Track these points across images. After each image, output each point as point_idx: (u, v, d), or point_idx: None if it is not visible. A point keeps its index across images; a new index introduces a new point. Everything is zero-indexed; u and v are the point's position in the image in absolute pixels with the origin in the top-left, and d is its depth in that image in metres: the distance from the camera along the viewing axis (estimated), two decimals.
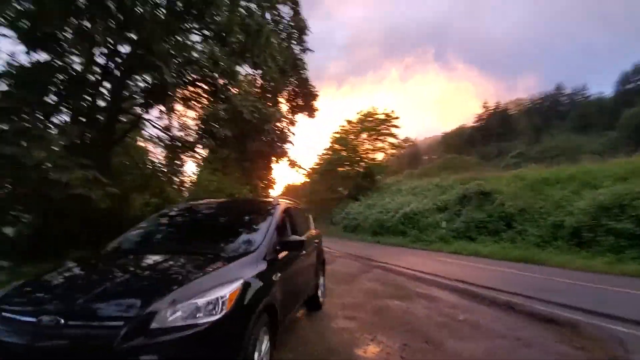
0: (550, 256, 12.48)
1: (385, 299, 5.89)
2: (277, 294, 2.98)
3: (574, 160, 21.54)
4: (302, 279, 4.15)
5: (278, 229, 3.38)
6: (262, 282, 2.69)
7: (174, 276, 2.45)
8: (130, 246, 3.26)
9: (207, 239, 3.30)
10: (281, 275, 3.11)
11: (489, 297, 6.02)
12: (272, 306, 2.80)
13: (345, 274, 8.60)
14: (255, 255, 2.87)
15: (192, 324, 1.97)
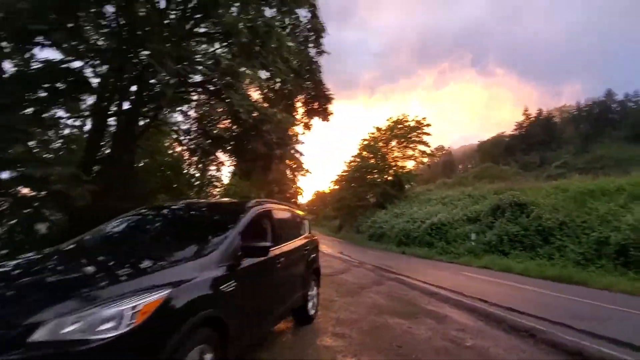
0: (592, 276, 11.10)
1: (387, 315, 5.34)
2: (230, 305, 2.64)
3: (625, 172, 19.38)
4: (281, 289, 3.78)
5: (244, 233, 3.04)
6: (204, 292, 2.37)
7: (87, 282, 2.19)
8: (79, 246, 3.07)
9: (162, 241, 3.05)
10: (240, 285, 2.77)
11: (508, 321, 5.27)
12: (218, 320, 2.45)
13: (354, 285, 8.08)
14: (203, 261, 2.55)
15: (88, 339, 1.67)
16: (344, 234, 42.79)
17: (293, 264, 4.16)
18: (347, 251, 22.00)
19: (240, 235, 2.99)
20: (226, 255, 2.75)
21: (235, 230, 2.97)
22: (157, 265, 2.41)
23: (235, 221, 3.10)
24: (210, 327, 2.39)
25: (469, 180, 43.77)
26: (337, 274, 9.99)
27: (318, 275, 5.23)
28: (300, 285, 4.41)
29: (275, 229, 3.84)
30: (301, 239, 4.65)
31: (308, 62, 9.76)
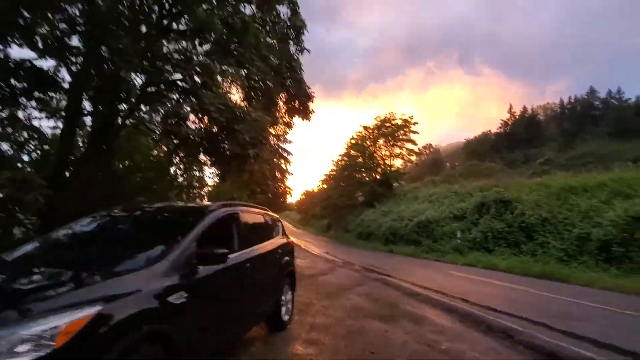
0: (575, 272, 11.20)
1: (365, 318, 5.19)
2: (180, 318, 2.44)
3: (607, 168, 19.72)
4: (248, 296, 3.58)
5: (202, 239, 2.84)
6: (147, 305, 2.16)
7: (17, 297, 1.95)
8: (19, 256, 2.82)
9: (109, 249, 2.82)
10: (194, 295, 2.56)
11: (487, 321, 5.18)
12: (166, 335, 2.25)
13: (335, 287, 7.92)
14: (149, 271, 2.34)
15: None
16: (333, 234, 42.71)
17: (263, 269, 3.96)
18: (334, 251, 21.89)
19: (196, 242, 2.78)
20: (177, 264, 2.55)
21: (190, 237, 2.76)
22: (94, 278, 2.18)
23: (191, 226, 2.88)
24: (155, 344, 2.19)
25: (456, 178, 44.14)
26: (320, 275, 9.83)
27: (293, 279, 5.05)
28: (272, 290, 4.22)
29: (242, 233, 3.64)
30: (273, 242, 4.45)
31: (288, 60, 9.54)
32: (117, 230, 3.29)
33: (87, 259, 2.67)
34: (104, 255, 2.70)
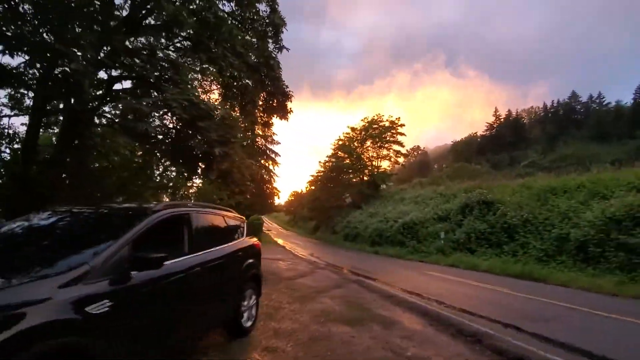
0: (552, 272, 11.28)
1: (333, 323, 5.00)
2: (103, 330, 2.20)
3: (587, 170, 20.06)
4: (198, 303, 3.34)
5: (138, 242, 2.61)
6: (59, 316, 1.94)
7: None
8: None
9: (30, 254, 2.57)
10: (122, 304, 2.33)
11: (458, 325, 5.05)
12: (83, 350, 2.02)
13: (311, 290, 7.72)
14: (65, 277, 2.11)
15: None
16: (320, 235, 42.51)
17: (219, 273, 3.73)
18: (319, 253, 21.69)
19: (130, 245, 2.55)
20: (104, 269, 2.31)
21: (122, 240, 2.51)
22: None
23: (126, 228, 2.65)
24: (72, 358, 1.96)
25: (443, 180, 44.53)
26: (299, 278, 9.62)
27: (258, 283, 4.81)
28: (231, 295, 3.99)
29: (194, 236, 3.41)
30: (234, 244, 4.22)
31: (266, 58, 9.33)
32: (46, 232, 3.02)
33: (5, 264, 2.40)
34: (23, 260, 2.44)
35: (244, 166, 7.94)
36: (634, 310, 6.48)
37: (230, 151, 6.27)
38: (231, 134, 6.33)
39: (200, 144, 5.76)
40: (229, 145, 6.20)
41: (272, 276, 9.84)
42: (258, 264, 4.93)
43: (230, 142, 6.25)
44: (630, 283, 9.19)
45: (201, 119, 5.58)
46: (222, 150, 5.95)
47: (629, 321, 5.51)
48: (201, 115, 5.56)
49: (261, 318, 5.13)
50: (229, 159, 6.41)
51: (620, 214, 11.15)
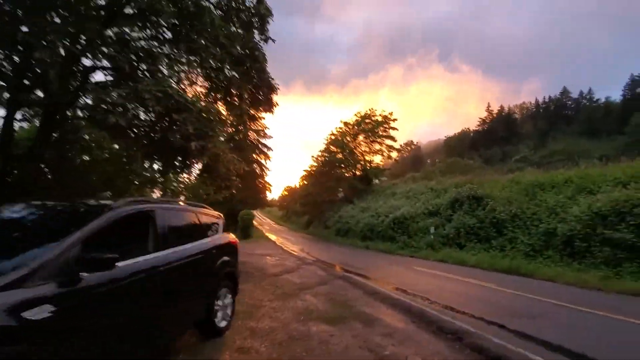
0: (540, 267, 11.33)
1: (313, 321, 4.88)
2: (46, 337, 2.03)
3: (576, 165, 20.21)
4: (163, 305, 3.17)
5: (91, 241, 2.43)
6: None
7: None
8: None
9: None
10: (65, 309, 2.16)
11: (440, 322, 4.97)
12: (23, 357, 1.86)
13: (295, 286, 7.60)
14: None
15: None
16: (313, 230, 42.48)
17: (188, 272, 3.56)
18: (309, 248, 21.59)
19: (81, 245, 2.37)
20: (47, 272, 2.13)
21: (71, 239, 2.33)
22: None
23: (76, 227, 2.46)
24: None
25: (435, 175, 44.72)
26: (284, 274, 9.49)
27: (234, 282, 4.66)
28: (202, 295, 3.83)
29: (159, 233, 3.23)
30: (207, 242, 4.05)
31: (251, 49, 9.08)
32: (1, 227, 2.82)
33: None
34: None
35: (226, 160, 7.72)
36: (618, 305, 6.48)
37: (209, 145, 6.06)
38: (210, 128, 6.11)
39: (176, 137, 5.53)
40: (207, 139, 5.99)
41: (257, 272, 9.70)
42: (235, 261, 4.78)
43: (209, 135, 6.04)
44: (615, 278, 9.25)
45: (177, 111, 5.35)
46: (200, 144, 5.74)
47: (612, 318, 5.49)
48: (177, 108, 5.33)
49: (240, 317, 4.99)
50: (208, 153, 6.20)
51: (606, 209, 11.21)
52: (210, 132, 6.08)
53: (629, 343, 4.21)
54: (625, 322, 5.20)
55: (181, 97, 5.43)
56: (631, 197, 11.00)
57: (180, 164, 6.69)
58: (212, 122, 6.26)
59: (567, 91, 70.75)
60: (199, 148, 5.76)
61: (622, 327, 4.99)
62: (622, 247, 10.03)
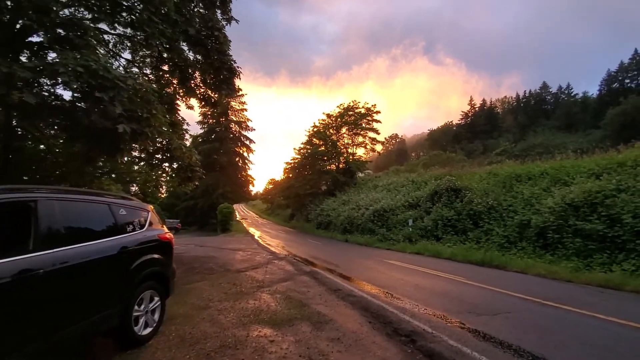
0: (512, 259, 11.21)
1: (258, 324, 4.41)
2: None
3: (553, 158, 20.33)
4: (49, 311, 2.61)
5: None
6: None
7: None
8: None
9: None
10: None
11: (397, 322, 4.58)
12: None
13: (253, 284, 7.11)
14: None
15: None
16: (295, 223, 42.02)
17: (89, 274, 3.01)
18: (286, 242, 21.15)
19: None
20: None
21: None
22: None
23: None
24: None
25: (419, 168, 44.91)
26: (249, 270, 8.99)
27: (164, 283, 4.11)
28: (110, 300, 3.27)
29: (42, 228, 2.65)
30: (121, 238, 3.48)
31: (211, 29, 8.39)
32: None
33: None
34: None
35: (173, 148, 7.08)
36: (586, 299, 6.28)
37: (146, 129, 5.41)
38: (147, 109, 5.47)
39: (100, 118, 4.87)
40: (143, 122, 5.34)
41: (220, 269, 9.17)
42: (167, 260, 4.23)
43: (144, 118, 5.39)
44: (585, 270, 9.16)
45: (103, 89, 4.69)
46: (131, 128, 5.09)
47: (578, 313, 5.23)
48: (102, 85, 4.67)
49: (175, 321, 4.47)
50: (143, 138, 5.56)
51: (579, 200, 11.13)
52: (146, 114, 5.43)
53: (593, 344, 3.91)
54: (592, 319, 4.95)
55: (109, 72, 4.76)
56: (603, 188, 10.95)
57: (109, 150, 5.99)
58: (150, 103, 5.60)
59: (547, 86, 72.09)
60: (131, 132, 5.11)
61: (588, 324, 4.72)
62: (593, 238, 9.96)
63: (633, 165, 11.54)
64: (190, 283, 7.11)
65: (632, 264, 8.46)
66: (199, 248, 15.08)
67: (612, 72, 59.88)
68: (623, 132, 41.44)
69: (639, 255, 8.64)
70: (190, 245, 16.56)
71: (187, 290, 6.41)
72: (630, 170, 11.45)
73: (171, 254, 4.40)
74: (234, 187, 48.07)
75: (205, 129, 49.19)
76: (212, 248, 15.03)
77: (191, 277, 7.88)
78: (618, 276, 8.00)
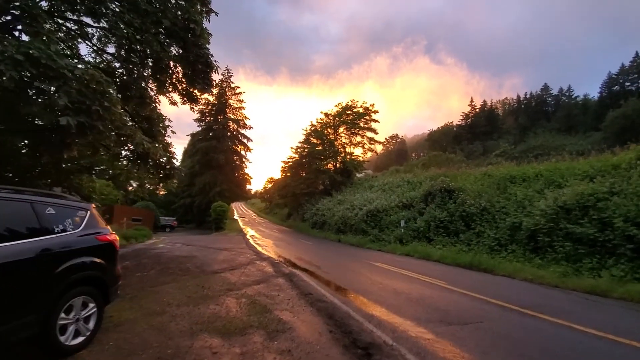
0: (501, 262, 10.89)
1: (206, 334, 4.10)
2: None
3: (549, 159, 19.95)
4: None
5: None
6: None
7: None
8: None
9: None
10: None
11: (359, 332, 4.27)
12: None
13: (222, 287, 6.81)
14: None
15: None
16: (291, 222, 41.74)
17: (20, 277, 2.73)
18: (277, 241, 20.86)
19: None
20: None
21: None
22: None
23: None
24: None
25: (417, 168, 44.53)
26: (225, 272, 8.69)
27: (101, 288, 3.79)
28: (32, 304, 2.98)
29: None
30: (43, 240, 3.18)
31: (186, 21, 8.08)
32: None
33: None
34: None
35: (135, 143, 6.74)
36: (567, 308, 5.98)
37: (97, 123, 5.09)
38: (98, 101, 5.14)
39: (42, 110, 4.56)
40: (93, 115, 5.01)
41: (196, 269, 8.88)
42: (108, 263, 3.92)
43: (94, 110, 5.07)
44: (574, 275, 8.83)
45: (47, 79, 4.38)
46: (78, 121, 4.78)
47: (557, 324, 4.92)
48: (45, 75, 4.37)
49: (121, 328, 4.18)
50: (95, 132, 5.24)
51: (571, 202, 10.80)
52: (97, 106, 5.10)
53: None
54: (569, 331, 4.63)
55: (54, 61, 4.45)
56: (596, 191, 10.61)
57: (54, 145, 5.66)
58: (104, 96, 5.28)
59: (547, 87, 71.56)
60: (79, 125, 4.79)
61: (564, 337, 4.40)
62: (584, 242, 9.63)
63: (627, 167, 11.19)
64: (157, 285, 6.82)
65: (621, 269, 8.13)
66: (185, 247, 14.80)
67: (612, 74, 59.34)
68: (623, 135, 40.95)
69: (628, 261, 8.31)
70: (177, 244, 16.29)
71: (149, 293, 6.12)
72: (624, 172, 11.11)
73: (113, 256, 4.10)
74: (231, 186, 47.79)
75: (203, 127, 48.90)
76: (197, 247, 14.75)
77: (162, 278, 7.59)
78: (606, 282, 7.68)
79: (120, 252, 12.17)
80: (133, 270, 8.59)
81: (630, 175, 10.54)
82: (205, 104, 48.57)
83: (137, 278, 7.53)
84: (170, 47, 8.06)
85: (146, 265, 9.30)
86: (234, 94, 48.99)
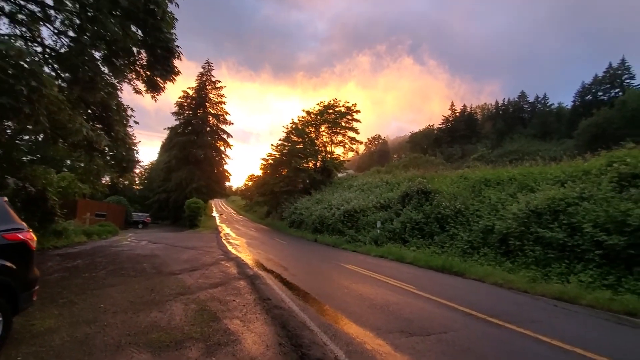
0: (472, 266, 10.78)
1: (135, 348, 3.59)
2: None
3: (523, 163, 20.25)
4: None
5: None
6: None
7: None
8: None
9: None
10: None
11: (309, 345, 3.87)
12: None
13: (176, 291, 6.27)
14: None
15: None
16: (270, 221, 41.08)
17: None
18: (251, 240, 20.26)
19: None
20: None
21: None
22: None
23: None
24: None
25: (398, 169, 44.76)
26: (183, 273, 8.12)
27: (8, 296, 3.24)
28: None
29: None
30: None
31: (145, 2, 7.43)
32: None
33: None
34: None
35: (75, 130, 6.10)
36: (534, 316, 5.80)
37: (24, 106, 4.44)
38: (27, 83, 4.50)
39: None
40: (20, 97, 4.37)
41: (152, 271, 8.27)
42: (19, 267, 3.35)
43: (18, 90, 4.43)
44: (543, 280, 8.77)
45: None
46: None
47: (521, 335, 4.69)
48: None
49: (35, 340, 3.61)
50: (21, 116, 4.60)
51: (542, 207, 10.82)
52: (26, 88, 4.43)
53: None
54: (536, 343, 4.39)
55: None
56: (567, 196, 10.67)
57: None
58: (35, 76, 4.63)
59: (524, 95, 73.64)
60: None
61: (529, 351, 4.16)
62: (553, 246, 9.62)
63: (597, 173, 11.33)
64: (101, 288, 6.19)
65: (590, 275, 8.12)
66: (150, 245, 14.02)
67: (586, 84, 61.65)
68: (594, 143, 42.53)
69: (596, 267, 8.31)
70: (143, 242, 15.45)
71: (89, 297, 5.51)
72: (594, 178, 11.24)
73: (27, 257, 3.53)
74: (209, 182, 46.50)
75: (181, 120, 47.34)
76: (163, 245, 14.01)
77: (110, 279, 6.95)
78: (574, 288, 7.62)
79: (76, 250, 11.36)
80: (81, 270, 7.89)
81: (600, 181, 10.64)
82: (183, 97, 47.27)
83: (82, 279, 6.87)
84: (126, 29, 7.41)
85: (98, 265, 8.59)
86: (214, 88, 47.68)
